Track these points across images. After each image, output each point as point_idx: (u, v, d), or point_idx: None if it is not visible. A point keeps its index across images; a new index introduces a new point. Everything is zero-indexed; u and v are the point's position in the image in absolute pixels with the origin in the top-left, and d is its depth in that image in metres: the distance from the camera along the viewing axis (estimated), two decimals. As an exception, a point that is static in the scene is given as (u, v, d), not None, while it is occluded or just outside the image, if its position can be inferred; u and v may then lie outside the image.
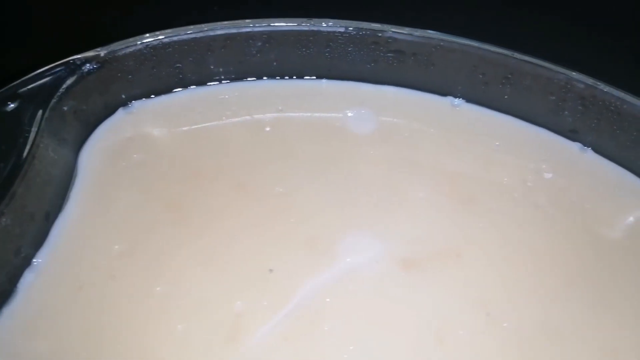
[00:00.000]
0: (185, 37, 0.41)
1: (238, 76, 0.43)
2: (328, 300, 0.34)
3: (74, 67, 0.37)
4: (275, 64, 0.44)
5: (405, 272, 0.35)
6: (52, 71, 0.36)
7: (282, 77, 0.44)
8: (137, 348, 0.32)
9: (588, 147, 0.43)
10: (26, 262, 0.33)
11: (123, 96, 0.41)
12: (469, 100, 0.45)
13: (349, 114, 0.43)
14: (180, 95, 0.43)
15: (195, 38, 0.41)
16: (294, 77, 0.44)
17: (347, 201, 0.38)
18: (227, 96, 0.43)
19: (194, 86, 0.43)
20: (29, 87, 0.35)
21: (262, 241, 0.36)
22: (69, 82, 0.37)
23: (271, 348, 0.32)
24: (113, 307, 0.33)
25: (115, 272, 0.34)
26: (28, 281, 0.33)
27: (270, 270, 0.35)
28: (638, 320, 0.35)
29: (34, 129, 0.34)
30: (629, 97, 0.40)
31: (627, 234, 0.39)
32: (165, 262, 0.35)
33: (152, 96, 0.42)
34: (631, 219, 0.39)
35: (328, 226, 0.37)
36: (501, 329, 0.34)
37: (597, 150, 0.43)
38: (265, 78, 0.44)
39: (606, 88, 0.41)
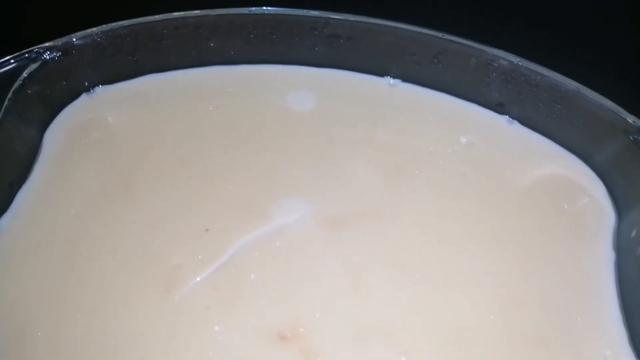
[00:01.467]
0: (139, 26, 0.46)
1: (189, 64, 0.47)
2: (256, 254, 0.38)
3: (36, 56, 0.42)
4: (222, 50, 0.48)
5: (330, 230, 0.39)
6: (16, 59, 0.41)
7: (229, 63, 0.48)
8: (88, 297, 0.36)
9: (514, 119, 0.46)
10: (-9, 225, 0.38)
11: (86, 83, 0.46)
12: (405, 79, 0.49)
13: (290, 95, 0.47)
14: (138, 82, 0.47)
15: (148, 27, 0.45)
16: (240, 63, 0.48)
17: (282, 170, 0.42)
18: (178, 82, 0.47)
19: (151, 74, 0.48)
20: (-6, 73, 0.40)
21: (201, 206, 0.40)
22: (32, 68, 0.41)
23: (202, 296, 0.36)
24: (67, 263, 0.37)
25: (70, 234, 0.38)
26: (-7, 242, 0.38)
27: (207, 230, 0.39)
28: (538, 273, 0.38)
29: (-1, 111, 0.39)
30: (545, 71, 0.44)
31: (539, 192, 0.42)
32: (114, 224, 0.39)
33: (113, 82, 0.47)
34: (544, 177, 0.42)
35: (262, 192, 0.41)
36: (414, 279, 0.37)
37: (523, 122, 0.46)
38: (213, 65, 0.48)
39: (526, 63, 0.44)
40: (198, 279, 0.36)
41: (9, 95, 0.39)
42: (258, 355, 0.34)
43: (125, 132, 0.44)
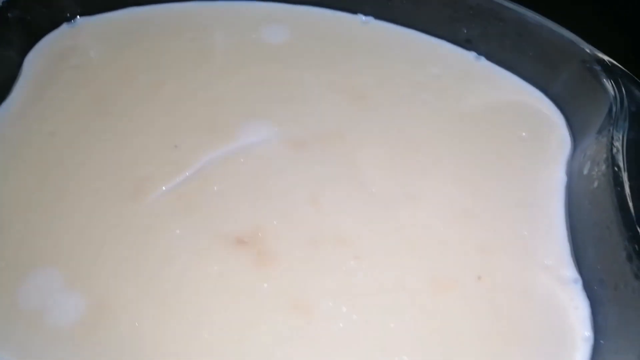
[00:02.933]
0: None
1: (168, -3, 0.49)
2: (221, 169, 0.40)
3: (15, -19, 0.44)
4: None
5: (293, 150, 0.41)
6: (-2, -18, 0.43)
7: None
8: (59, 202, 0.38)
9: (481, 55, 0.47)
10: (-29, 136, 0.40)
11: (67, 14, 0.48)
12: (377, 17, 0.50)
13: (264, 30, 0.48)
14: (119, 13, 0.49)
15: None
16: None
17: (249, 94, 0.43)
18: (158, 15, 0.49)
19: (132, 6, 0.50)
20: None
21: (171, 124, 0.42)
22: (11, -7, 0.43)
23: (167, 204, 0.38)
24: (40, 173, 0.39)
25: (44, 148, 0.40)
26: (-28, 151, 0.40)
27: (176, 146, 0.41)
28: (492, 192, 0.39)
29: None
30: (511, 4, 0.45)
31: (499, 121, 0.43)
32: (86, 141, 0.41)
33: (94, 14, 0.49)
34: (505, 107, 0.44)
35: (230, 114, 0.42)
36: (369, 194, 0.39)
37: (489, 58, 0.47)
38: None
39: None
40: (164, 188, 0.38)
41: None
42: (217, 256, 0.35)
43: (103, 59, 0.46)
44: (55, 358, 0.32)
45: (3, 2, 0.42)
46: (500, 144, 0.42)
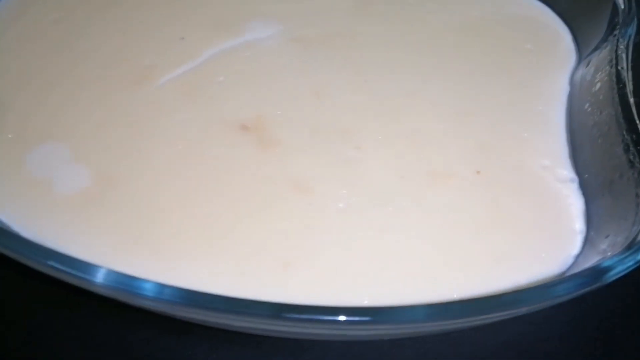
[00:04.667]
0: None
1: None
2: (227, 61, 0.40)
3: None
4: None
5: (298, 47, 0.41)
6: None
7: None
8: (67, 82, 0.38)
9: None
10: (-24, 20, 0.40)
11: None
12: None
13: None
14: None
15: None
16: None
17: (257, -9, 0.44)
18: None
19: None
20: None
21: (178, 18, 0.42)
22: None
23: (172, 90, 0.38)
24: (45, 58, 0.39)
25: (48, 33, 0.41)
26: (-27, 33, 0.40)
27: (182, 38, 0.41)
28: (494, 95, 0.39)
29: None
30: None
31: (505, 33, 0.43)
32: (91, 28, 0.41)
33: None
34: (511, 21, 0.44)
35: (237, 10, 0.43)
36: (374, 92, 0.39)
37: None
38: None
39: None
40: (169, 76, 0.39)
41: None
42: (220, 139, 0.36)
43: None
44: (62, 222, 0.32)
45: None
46: (504, 54, 0.42)
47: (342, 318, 0.24)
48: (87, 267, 0.26)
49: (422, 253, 0.33)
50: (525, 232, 0.34)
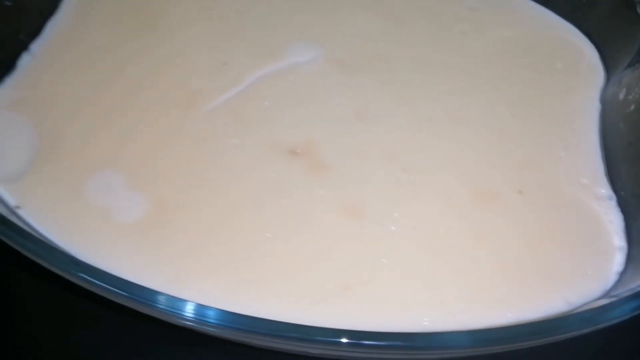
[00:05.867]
0: None
1: None
2: (271, 86, 0.41)
3: None
4: None
5: (339, 70, 0.42)
6: None
7: None
8: (117, 108, 0.39)
9: (521, -10, 0.49)
10: (24, 47, 0.41)
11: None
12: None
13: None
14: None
15: None
16: None
17: (294, 16, 0.45)
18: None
19: None
20: None
21: (219, 43, 0.43)
22: None
23: (221, 115, 0.39)
24: (94, 83, 0.40)
25: (96, 60, 0.41)
26: (25, 61, 0.41)
27: (225, 63, 0.42)
28: (530, 115, 0.41)
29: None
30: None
31: (535, 53, 0.45)
32: (137, 54, 0.42)
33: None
34: (540, 40, 0.45)
35: (276, 34, 0.43)
36: (415, 113, 0.40)
37: (528, -7, 0.49)
38: None
39: None
40: (216, 101, 0.40)
41: None
42: (272, 164, 0.37)
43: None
44: (122, 250, 0.33)
45: None
46: (536, 73, 0.44)
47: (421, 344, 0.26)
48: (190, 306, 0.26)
49: (474, 273, 0.34)
50: (569, 249, 0.36)
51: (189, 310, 0.27)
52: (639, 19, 0.41)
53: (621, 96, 0.40)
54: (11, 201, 0.35)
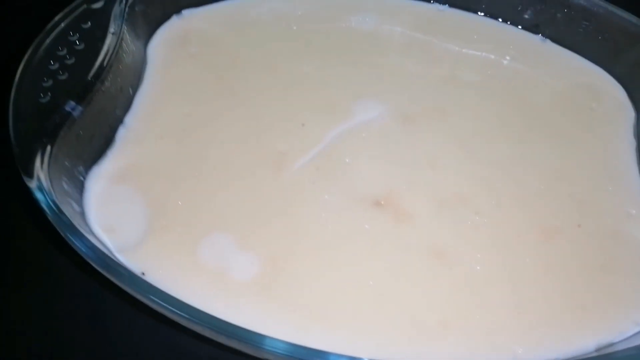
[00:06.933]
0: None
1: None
2: (348, 143, 0.45)
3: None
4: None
5: (404, 124, 0.47)
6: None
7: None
8: (208, 176, 0.43)
9: (547, 38, 0.54)
10: (120, 121, 0.44)
11: (175, 6, 0.52)
12: (451, 5, 0.56)
13: (355, 18, 0.54)
14: (219, 5, 0.53)
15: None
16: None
17: (358, 76, 0.49)
18: (258, 4, 0.53)
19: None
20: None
21: (296, 105, 0.47)
22: (137, -10, 0.47)
23: (308, 174, 0.43)
24: (186, 150, 0.44)
25: (184, 127, 0.45)
26: (122, 134, 0.44)
27: (303, 125, 0.46)
28: (575, 154, 0.46)
29: (118, 22, 0.44)
30: (576, -7, 0.51)
31: (571, 96, 0.50)
32: (222, 119, 0.46)
33: (198, 6, 0.53)
34: (574, 84, 0.51)
35: (342, 93, 0.48)
36: (477, 159, 0.45)
37: (555, 41, 0.54)
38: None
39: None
40: (302, 161, 0.44)
41: (127, 9, 0.45)
42: (362, 216, 0.41)
43: (214, 45, 0.51)
44: (243, 309, 0.37)
45: (133, -2, 0.46)
46: (575, 114, 0.49)
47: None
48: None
49: (551, 302, 0.39)
50: (623, 273, 0.41)
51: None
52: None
53: (652, 133, 0.46)
54: (136, 269, 0.38)
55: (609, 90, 0.51)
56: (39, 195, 0.35)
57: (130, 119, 0.45)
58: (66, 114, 0.39)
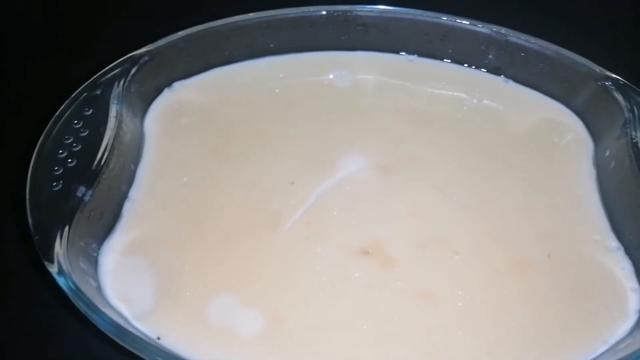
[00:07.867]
0: (205, 31, 0.56)
1: (248, 56, 0.58)
2: (334, 197, 0.49)
3: (134, 60, 0.52)
4: (272, 45, 0.59)
5: (384, 174, 0.51)
6: (122, 64, 0.51)
7: (280, 54, 0.59)
8: (211, 240, 0.47)
9: (509, 78, 0.59)
10: (125, 196, 0.49)
11: (166, 80, 0.56)
12: (421, 55, 0.60)
13: (332, 75, 0.59)
14: (207, 74, 0.58)
15: (213, 31, 0.56)
16: (290, 53, 0.59)
17: (339, 131, 0.54)
18: (242, 71, 0.58)
19: (217, 67, 0.58)
20: (108, 76, 0.50)
21: (284, 166, 0.51)
22: (133, 70, 0.51)
23: (300, 230, 0.47)
24: (189, 217, 0.48)
25: (185, 196, 0.50)
26: (128, 208, 0.49)
27: (292, 183, 0.50)
28: (541, 186, 0.51)
29: (117, 106, 0.49)
30: (531, 39, 0.56)
31: (535, 131, 0.55)
32: (218, 185, 0.50)
33: (187, 77, 0.57)
34: (537, 120, 0.56)
35: (327, 152, 0.52)
36: (453, 202, 0.50)
37: (516, 80, 0.59)
38: (268, 55, 0.59)
39: (515, 34, 0.57)
40: (294, 218, 0.48)
41: (123, 92, 0.50)
42: (353, 264, 0.45)
43: (205, 115, 0.55)
44: (254, 360, 0.41)
45: (127, 81, 0.50)
46: (539, 148, 0.54)
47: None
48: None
49: (529, 330, 0.43)
50: (593, 297, 0.45)
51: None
52: (616, 100, 0.51)
53: (612, 164, 0.50)
54: (152, 334, 0.42)
55: (569, 124, 0.56)
56: (60, 280, 0.39)
57: (134, 192, 0.49)
58: (78, 199, 0.43)
